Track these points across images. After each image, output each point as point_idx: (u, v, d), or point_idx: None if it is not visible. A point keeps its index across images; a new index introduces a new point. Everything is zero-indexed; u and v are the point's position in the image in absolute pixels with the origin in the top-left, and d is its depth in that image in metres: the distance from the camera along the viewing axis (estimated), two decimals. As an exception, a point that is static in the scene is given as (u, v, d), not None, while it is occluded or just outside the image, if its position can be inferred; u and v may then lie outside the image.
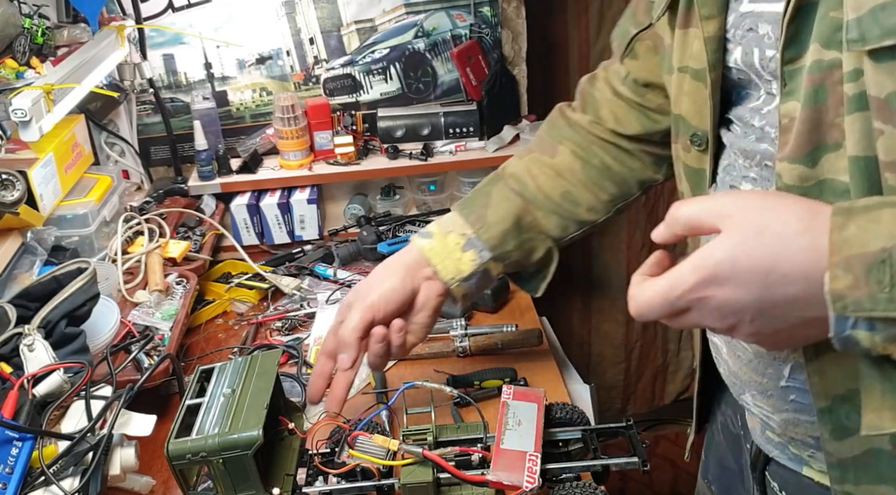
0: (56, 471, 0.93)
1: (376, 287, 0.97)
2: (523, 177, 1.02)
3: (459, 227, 0.99)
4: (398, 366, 1.39)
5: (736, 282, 0.57)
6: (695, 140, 0.77)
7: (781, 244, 0.55)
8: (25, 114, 1.17)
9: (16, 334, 1.06)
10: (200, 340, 1.50)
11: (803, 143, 0.61)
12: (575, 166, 1.01)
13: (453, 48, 1.85)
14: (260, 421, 0.82)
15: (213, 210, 1.78)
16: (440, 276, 0.97)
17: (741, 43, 0.69)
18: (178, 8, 1.77)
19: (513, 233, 0.99)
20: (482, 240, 0.98)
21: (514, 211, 1.00)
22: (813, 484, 0.78)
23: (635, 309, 0.62)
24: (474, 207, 1.01)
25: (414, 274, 0.97)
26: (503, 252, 0.99)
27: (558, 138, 1.03)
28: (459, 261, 0.98)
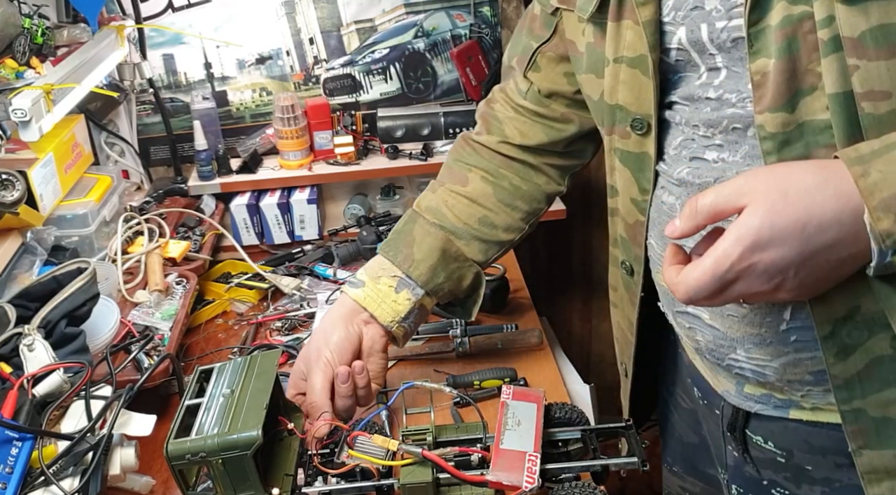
0: (56, 471, 0.93)
1: (324, 345, 1.01)
2: (441, 209, 1.07)
3: (388, 270, 1.03)
4: (398, 366, 1.39)
5: (777, 243, 0.62)
6: (635, 124, 0.81)
7: (808, 199, 0.61)
8: (25, 114, 1.17)
9: (16, 334, 1.06)
10: (200, 340, 1.50)
11: (782, 92, 0.66)
12: (487, 191, 1.07)
13: (453, 48, 1.85)
14: (259, 421, 0.82)
15: (213, 210, 1.79)
16: (380, 321, 1.02)
17: (684, 23, 0.73)
18: (178, 8, 1.77)
19: (441, 266, 1.03)
20: (413, 278, 1.02)
21: (439, 244, 1.04)
22: (801, 424, 0.81)
23: (686, 293, 0.66)
24: (399, 247, 1.05)
25: (353, 321, 1.02)
26: (435, 285, 1.04)
27: (467, 167, 1.08)
28: (395, 303, 1.02)
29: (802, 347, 0.75)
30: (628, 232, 0.90)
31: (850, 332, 0.70)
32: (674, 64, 0.76)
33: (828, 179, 0.61)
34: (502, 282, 1.54)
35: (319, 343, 1.02)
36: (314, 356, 1.01)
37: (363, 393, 1.01)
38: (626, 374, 1.04)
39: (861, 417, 0.72)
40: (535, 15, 0.99)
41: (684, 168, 0.78)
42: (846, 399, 0.72)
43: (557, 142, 1.05)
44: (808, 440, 0.82)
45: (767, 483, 0.88)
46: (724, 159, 0.74)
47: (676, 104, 0.78)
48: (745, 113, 0.71)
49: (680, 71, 0.77)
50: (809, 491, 0.84)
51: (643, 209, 0.85)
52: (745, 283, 0.64)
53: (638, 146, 0.83)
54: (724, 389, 0.88)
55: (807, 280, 0.64)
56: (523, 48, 1.02)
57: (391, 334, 1.04)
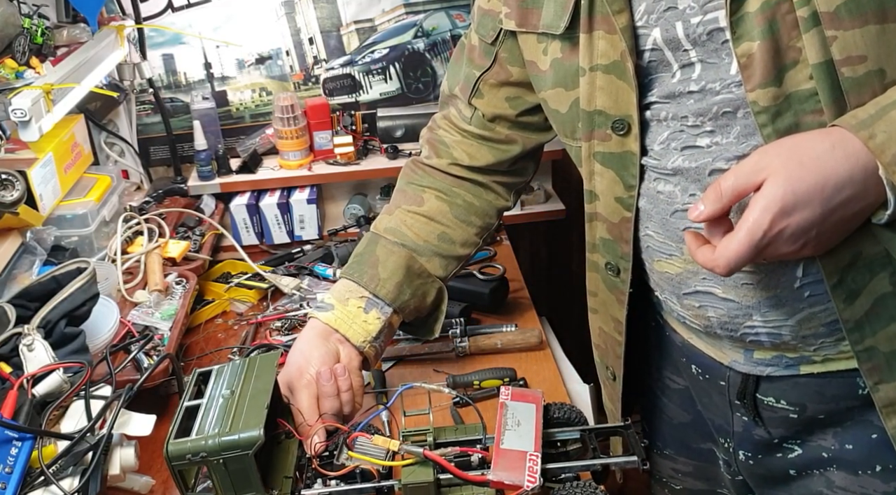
0: (56, 471, 0.93)
1: (306, 363, 1.01)
2: (400, 228, 1.10)
3: (355, 292, 1.05)
4: (398, 366, 1.39)
5: (801, 206, 0.68)
6: (616, 126, 0.85)
7: (822, 163, 0.68)
8: (25, 114, 1.17)
9: (15, 334, 1.06)
10: (200, 340, 1.50)
11: (769, 69, 0.72)
12: (443, 209, 1.11)
13: (453, 48, 1.85)
14: (260, 421, 0.82)
15: (213, 210, 1.79)
16: (352, 342, 1.04)
17: (658, 24, 0.78)
18: (178, 8, 1.77)
19: (406, 283, 1.06)
20: (381, 297, 1.05)
21: (403, 261, 1.07)
22: (812, 378, 0.87)
23: (727, 265, 0.71)
24: (364, 268, 1.07)
25: (328, 339, 1.03)
26: (402, 302, 1.06)
27: (421, 188, 1.12)
28: (366, 323, 1.04)
29: (816, 301, 0.81)
30: (612, 232, 0.93)
31: (854, 277, 0.76)
32: (646, 66, 0.81)
33: (835, 144, 0.68)
34: (502, 282, 1.54)
35: (300, 362, 1.02)
36: (296, 375, 1.01)
37: (346, 397, 1.01)
38: (613, 378, 1.06)
39: (874, 354, 0.78)
40: (474, 46, 1.05)
41: (677, 157, 0.82)
42: (858, 340, 0.78)
43: (503, 161, 1.11)
44: (819, 391, 0.87)
45: (778, 440, 0.93)
46: (717, 143, 0.79)
47: (656, 104, 0.82)
48: (733, 96, 0.76)
49: (652, 72, 0.81)
50: (822, 437, 0.89)
51: (630, 205, 0.89)
52: (774, 247, 0.70)
53: (620, 146, 0.86)
54: (732, 360, 0.91)
55: (827, 235, 0.71)
56: (465, 77, 1.08)
57: (363, 355, 1.05)
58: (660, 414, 1.11)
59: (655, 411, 1.11)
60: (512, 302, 1.55)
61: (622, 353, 1.01)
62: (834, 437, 0.88)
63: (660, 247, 0.89)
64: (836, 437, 0.88)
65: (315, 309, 1.07)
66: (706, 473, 1.08)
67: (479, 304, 1.52)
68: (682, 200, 0.84)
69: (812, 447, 0.91)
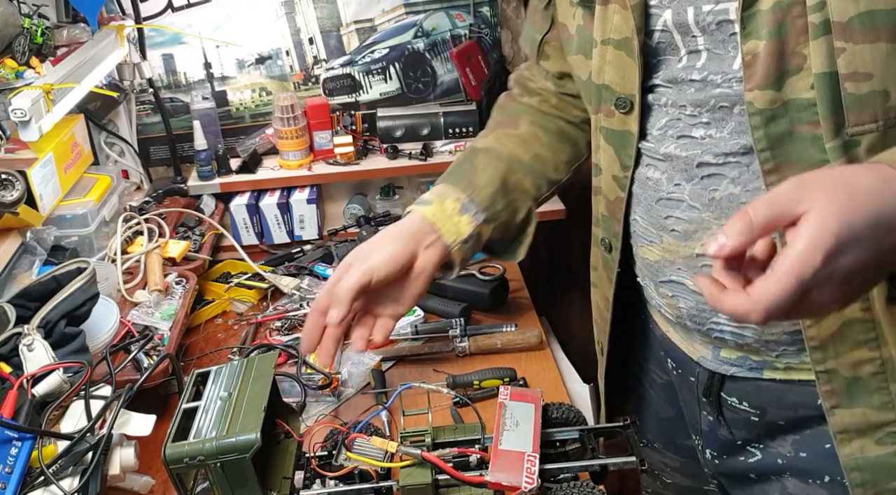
0: (55, 471, 0.93)
1: (377, 251, 0.97)
2: (497, 146, 1.10)
3: (453, 194, 1.03)
4: (398, 366, 1.39)
5: (855, 245, 0.58)
6: (619, 103, 0.86)
7: (877, 198, 0.59)
8: (25, 114, 1.17)
9: (15, 334, 1.06)
10: (200, 340, 1.50)
11: (771, 72, 0.71)
12: (537, 132, 1.11)
13: (453, 48, 1.85)
14: (258, 424, 0.82)
15: (213, 210, 1.79)
16: (444, 240, 0.99)
17: (671, 6, 0.78)
18: (178, 8, 1.77)
19: (501, 194, 1.04)
20: (475, 203, 1.02)
21: (500, 173, 1.05)
22: (774, 383, 0.87)
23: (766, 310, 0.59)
24: (462, 175, 1.05)
25: (417, 241, 0.98)
26: (494, 212, 1.03)
27: (516, 115, 1.13)
28: (458, 224, 1.01)
29: None
30: (609, 208, 0.95)
31: None
32: (655, 47, 0.81)
33: (888, 180, 0.60)
34: (502, 282, 1.54)
35: (375, 246, 0.97)
36: (363, 254, 0.96)
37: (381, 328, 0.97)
38: (602, 353, 1.10)
39: (834, 377, 0.78)
40: (535, 7, 1.07)
41: (671, 144, 0.83)
42: (821, 360, 0.78)
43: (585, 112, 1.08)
44: (780, 397, 0.88)
45: (741, 442, 0.94)
46: (711, 135, 0.79)
47: (659, 87, 0.83)
48: (731, 92, 0.76)
49: (660, 54, 0.82)
50: (781, 443, 0.90)
51: (623, 186, 0.90)
52: (821, 294, 0.60)
53: (621, 124, 0.88)
54: (701, 356, 0.93)
55: (869, 283, 0.63)
56: (530, 41, 1.10)
57: (450, 257, 1.00)
58: (647, 407, 1.13)
59: (644, 404, 1.13)
60: (512, 302, 1.55)
61: (608, 331, 1.04)
62: (792, 445, 0.89)
63: (643, 233, 0.91)
64: (794, 445, 0.89)
65: (416, 203, 1.04)
66: (692, 470, 1.10)
67: (479, 304, 1.52)
68: (666, 189, 0.85)
69: (771, 453, 0.92)
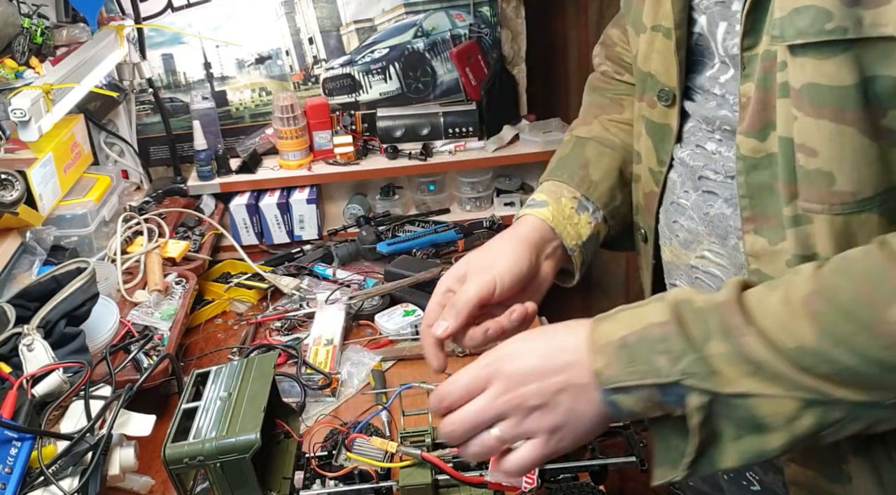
0: (55, 471, 0.93)
1: (500, 259, 0.88)
2: (605, 135, 0.99)
3: (567, 191, 0.94)
4: (397, 366, 1.39)
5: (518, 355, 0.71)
6: (662, 95, 0.82)
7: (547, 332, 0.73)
8: (24, 114, 1.17)
9: (15, 334, 1.06)
10: (200, 340, 1.50)
11: (756, 121, 0.70)
12: None
13: (453, 48, 1.85)
14: (257, 424, 0.82)
15: (213, 210, 1.79)
16: (566, 243, 0.92)
17: (706, 13, 0.76)
18: (178, 8, 1.77)
19: (618, 188, 0.96)
20: (592, 200, 0.94)
21: (616, 164, 0.97)
22: None
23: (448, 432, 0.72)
24: (572, 170, 0.96)
25: (539, 250, 0.91)
26: (613, 208, 0.96)
27: (618, 96, 1.02)
28: (577, 226, 0.93)
29: None
30: (645, 200, 0.91)
31: None
32: (694, 47, 0.79)
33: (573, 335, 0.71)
34: (501, 283, 1.54)
35: (496, 254, 0.89)
36: (483, 264, 0.88)
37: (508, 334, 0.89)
38: None
39: None
40: None
41: (687, 150, 0.82)
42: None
43: None
44: None
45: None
46: (720, 152, 0.78)
47: (694, 92, 0.81)
48: (735, 119, 0.74)
49: (698, 55, 0.79)
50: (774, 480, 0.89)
51: (658, 181, 0.87)
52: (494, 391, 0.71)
53: (662, 117, 0.84)
54: None
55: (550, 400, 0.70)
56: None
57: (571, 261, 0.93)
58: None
59: None
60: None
61: None
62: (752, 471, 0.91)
63: (661, 231, 0.89)
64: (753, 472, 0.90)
65: (527, 206, 0.94)
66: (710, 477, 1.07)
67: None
68: (677, 193, 0.84)
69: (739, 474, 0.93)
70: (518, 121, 1.89)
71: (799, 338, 0.63)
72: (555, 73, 2.04)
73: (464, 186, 1.85)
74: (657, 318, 0.69)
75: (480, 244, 1.66)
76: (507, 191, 1.87)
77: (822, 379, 0.63)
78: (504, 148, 1.83)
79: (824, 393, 0.63)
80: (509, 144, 1.84)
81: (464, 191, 1.85)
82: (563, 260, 0.93)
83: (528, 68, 1.90)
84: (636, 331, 0.69)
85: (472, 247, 1.70)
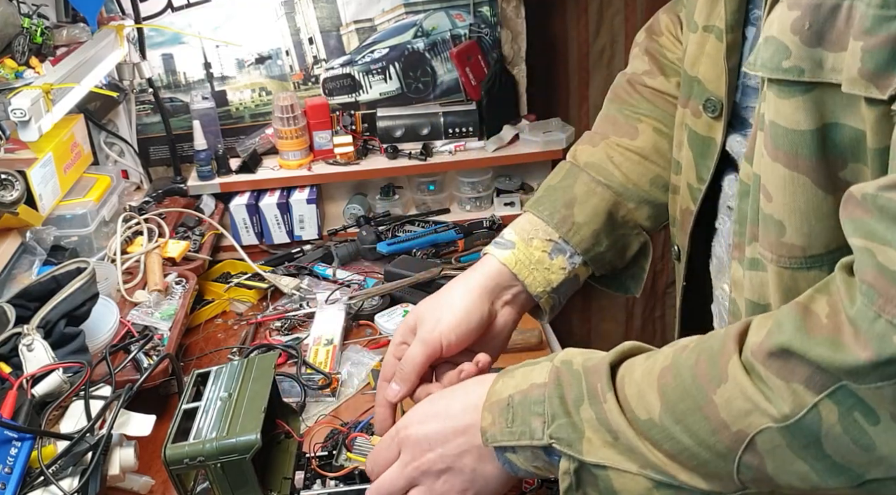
0: (55, 471, 0.93)
1: (447, 314, 0.83)
2: (606, 166, 0.89)
3: (542, 232, 0.87)
4: (397, 366, 1.39)
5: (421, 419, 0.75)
6: (708, 105, 0.75)
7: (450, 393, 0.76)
8: (24, 113, 1.17)
9: (15, 334, 1.06)
10: (200, 340, 1.50)
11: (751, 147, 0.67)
12: (661, 145, 0.90)
13: (453, 48, 1.85)
14: (258, 424, 0.82)
15: (213, 210, 1.78)
16: (529, 290, 0.86)
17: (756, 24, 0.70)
18: (178, 7, 1.77)
19: (605, 232, 0.88)
20: (572, 244, 0.86)
21: (605, 206, 0.87)
22: None
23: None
24: (556, 206, 0.88)
25: (495, 298, 0.86)
26: (596, 254, 0.88)
27: (635, 116, 0.91)
28: (548, 271, 0.86)
29: None
30: (681, 216, 0.84)
31: None
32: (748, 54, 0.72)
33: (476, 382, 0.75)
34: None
35: (445, 306, 0.84)
36: (431, 318, 0.84)
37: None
38: None
39: None
40: None
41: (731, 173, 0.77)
42: None
43: None
44: None
45: None
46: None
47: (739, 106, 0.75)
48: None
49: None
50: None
51: (696, 198, 0.79)
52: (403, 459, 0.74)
53: (707, 129, 0.76)
54: None
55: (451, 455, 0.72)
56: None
57: (537, 306, 0.88)
58: None
59: None
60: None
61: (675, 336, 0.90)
62: None
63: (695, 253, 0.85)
64: None
65: (493, 245, 0.88)
66: None
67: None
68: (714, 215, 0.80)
69: None
70: (518, 121, 1.89)
71: (649, 410, 0.62)
72: (555, 73, 2.04)
73: (464, 186, 1.85)
74: (540, 379, 0.69)
75: (480, 244, 1.69)
76: (507, 191, 1.87)
77: (668, 457, 0.62)
78: (504, 148, 1.83)
79: (671, 476, 0.62)
80: (509, 144, 1.84)
81: (464, 191, 1.85)
82: (527, 304, 0.88)
83: (528, 68, 1.90)
84: (522, 391, 0.69)
85: (472, 247, 1.70)
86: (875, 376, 0.52)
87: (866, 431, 0.54)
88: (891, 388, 0.52)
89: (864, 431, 0.54)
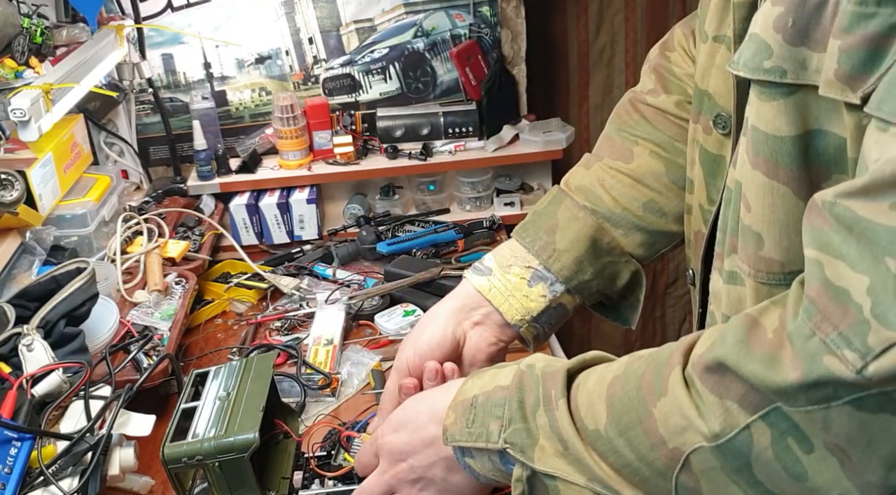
0: (55, 471, 0.93)
1: (414, 341, 0.84)
2: (594, 190, 0.86)
3: (522, 259, 0.84)
4: (397, 366, 1.39)
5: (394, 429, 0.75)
6: (718, 121, 0.70)
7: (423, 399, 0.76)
8: (24, 113, 1.17)
9: (15, 334, 1.06)
10: (199, 340, 1.50)
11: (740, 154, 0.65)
12: (657, 169, 0.86)
13: (453, 48, 1.85)
14: (256, 423, 0.82)
15: (213, 210, 1.79)
16: (506, 318, 0.84)
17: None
18: (177, 7, 1.77)
19: (588, 260, 0.84)
20: (552, 272, 0.84)
21: (587, 232, 0.84)
22: None
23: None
24: (538, 233, 0.85)
25: (462, 318, 0.84)
26: (580, 282, 0.84)
27: (632, 138, 0.87)
28: (527, 299, 0.83)
29: None
30: (694, 239, 0.80)
31: None
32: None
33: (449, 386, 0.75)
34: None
35: (416, 332, 0.85)
36: (403, 347, 0.86)
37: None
38: None
39: None
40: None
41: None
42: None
43: None
44: None
45: None
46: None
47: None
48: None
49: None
50: None
51: (706, 219, 0.75)
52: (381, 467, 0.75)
53: (717, 146, 0.72)
54: None
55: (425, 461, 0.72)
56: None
57: (520, 336, 0.87)
58: None
59: None
60: (511, 302, 1.55)
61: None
62: None
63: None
64: None
65: (471, 270, 0.87)
66: None
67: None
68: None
69: None
70: (518, 121, 1.89)
71: (597, 420, 0.60)
72: (555, 73, 2.04)
73: (464, 186, 1.85)
74: (504, 381, 0.68)
75: (480, 244, 1.69)
76: (507, 191, 1.87)
77: (614, 471, 0.59)
78: (504, 148, 1.83)
79: (616, 491, 0.59)
80: (509, 144, 1.84)
81: (464, 191, 1.85)
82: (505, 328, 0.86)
83: (528, 68, 1.90)
84: (486, 392, 0.68)
85: (472, 247, 1.70)
86: (804, 399, 0.48)
87: (799, 459, 0.50)
88: (821, 413, 0.48)
89: (797, 459, 0.50)
